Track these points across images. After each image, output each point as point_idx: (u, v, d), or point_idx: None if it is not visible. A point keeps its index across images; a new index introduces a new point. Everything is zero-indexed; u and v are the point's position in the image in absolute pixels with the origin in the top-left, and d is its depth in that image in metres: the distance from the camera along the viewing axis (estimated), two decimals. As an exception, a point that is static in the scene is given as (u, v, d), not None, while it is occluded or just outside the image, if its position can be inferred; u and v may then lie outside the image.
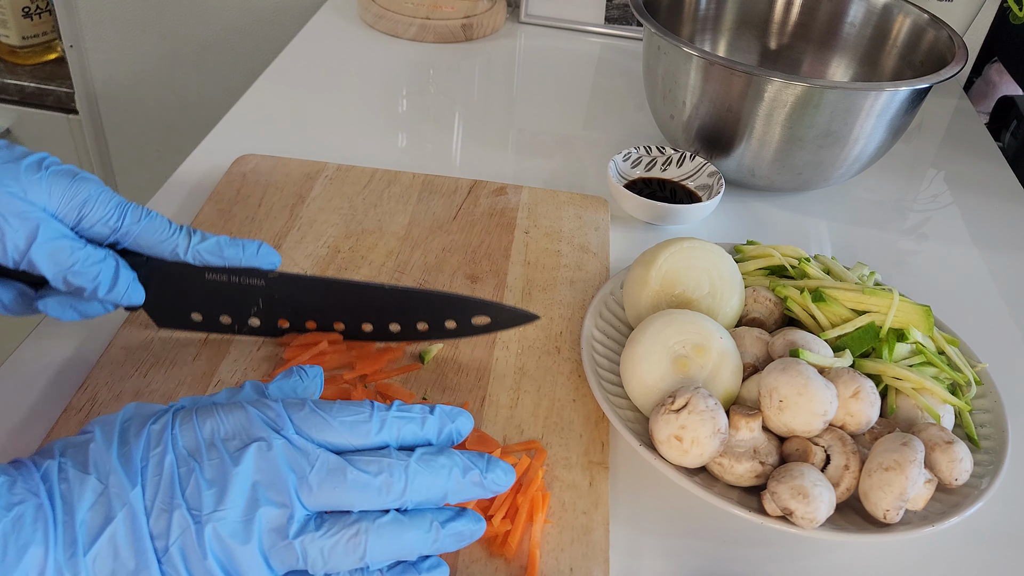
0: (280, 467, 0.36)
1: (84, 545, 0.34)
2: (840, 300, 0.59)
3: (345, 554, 0.36)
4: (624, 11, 1.16)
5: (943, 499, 0.51)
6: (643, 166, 0.80)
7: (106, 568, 0.34)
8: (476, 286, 0.66)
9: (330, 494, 0.37)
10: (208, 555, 0.34)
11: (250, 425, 0.37)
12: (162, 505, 0.35)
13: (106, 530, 0.34)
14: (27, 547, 0.33)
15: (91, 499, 0.35)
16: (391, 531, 0.37)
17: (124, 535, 0.34)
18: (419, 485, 0.38)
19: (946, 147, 0.99)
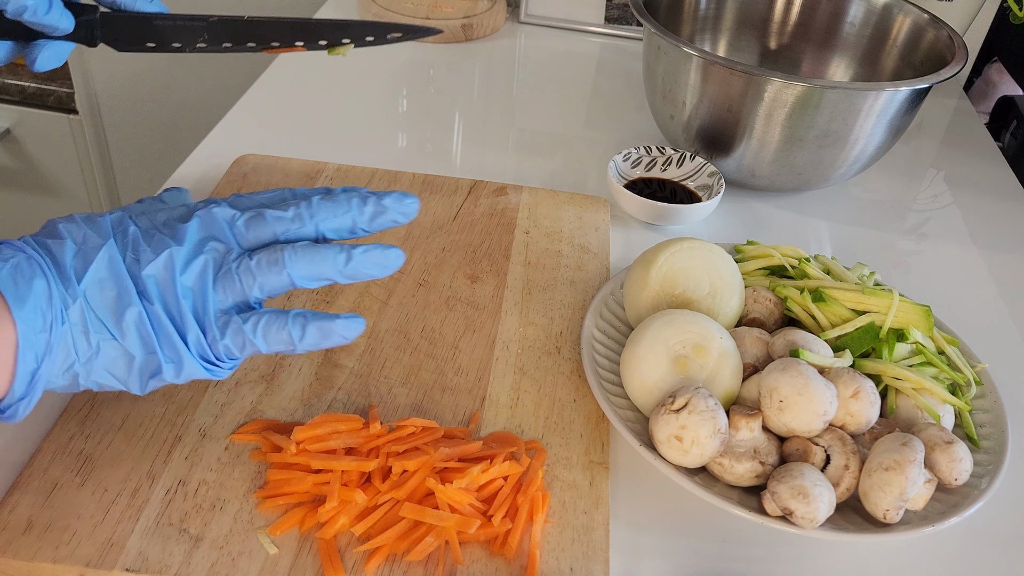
0: (218, 222, 0.45)
1: (76, 278, 0.41)
2: (840, 300, 0.59)
3: (270, 272, 0.44)
4: (624, 11, 1.16)
5: (943, 499, 0.51)
6: (643, 166, 0.80)
7: (95, 296, 0.42)
8: (476, 286, 0.66)
9: (256, 232, 0.45)
10: (176, 278, 0.42)
11: (193, 209, 0.46)
12: (132, 253, 0.43)
13: (90, 267, 0.42)
14: (32, 279, 0.40)
15: (72, 251, 0.42)
16: (305, 251, 0.45)
17: (106, 269, 0.42)
18: (324, 215, 0.46)
19: (946, 147, 0.99)
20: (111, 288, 0.42)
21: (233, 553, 0.45)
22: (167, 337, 0.43)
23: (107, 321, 0.42)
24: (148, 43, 0.57)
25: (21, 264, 0.40)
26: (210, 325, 0.44)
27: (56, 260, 0.42)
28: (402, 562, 0.46)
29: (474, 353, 0.60)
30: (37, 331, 0.40)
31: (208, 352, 0.44)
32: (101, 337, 0.42)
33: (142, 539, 0.45)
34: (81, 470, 0.49)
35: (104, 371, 0.43)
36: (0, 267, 0.40)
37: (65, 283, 0.41)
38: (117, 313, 0.42)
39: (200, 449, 0.51)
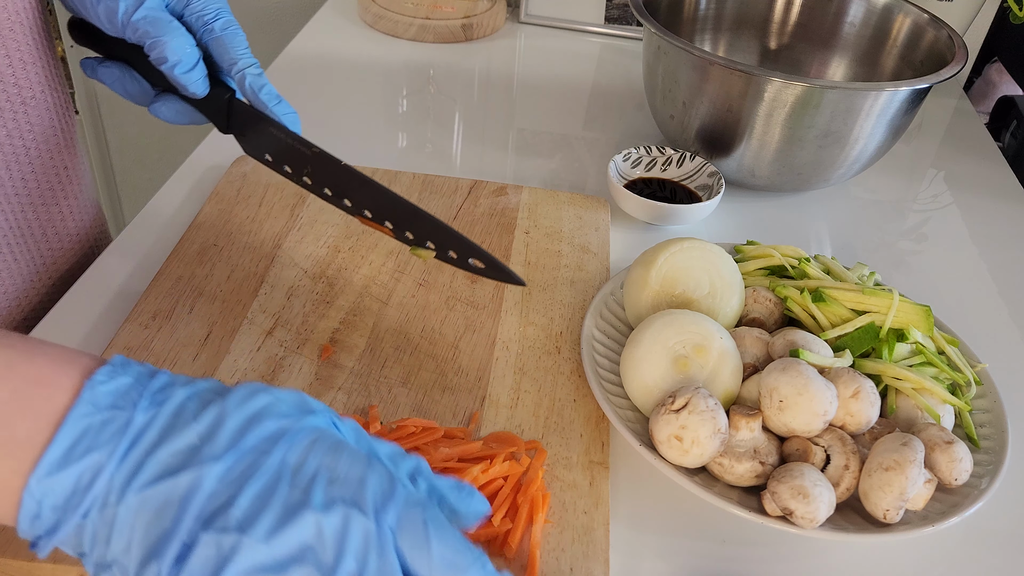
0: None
1: (141, 483, 0.32)
2: (840, 300, 0.59)
3: None
4: (624, 11, 1.16)
5: (943, 499, 0.51)
6: (643, 166, 0.80)
7: (145, 516, 0.32)
8: (476, 286, 0.66)
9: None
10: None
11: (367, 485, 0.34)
12: (231, 486, 0.32)
13: (171, 480, 0.32)
14: (92, 450, 0.32)
15: (176, 447, 0.33)
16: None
17: (183, 496, 0.32)
18: None
19: (946, 147, 0.99)
20: (157, 524, 0.32)
21: (233, 553, 0.45)
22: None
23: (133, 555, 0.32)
24: (266, 155, 0.56)
25: (107, 426, 0.32)
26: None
27: (153, 445, 0.33)
28: (402, 562, 0.46)
29: (474, 353, 0.60)
30: (49, 507, 0.32)
31: None
32: (116, 562, 0.32)
33: (142, 539, 0.45)
34: (81, 470, 0.49)
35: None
36: (86, 417, 0.32)
37: (126, 475, 0.32)
38: (147, 552, 0.32)
39: (200, 449, 0.51)
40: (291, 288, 0.63)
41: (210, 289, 0.62)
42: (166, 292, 0.62)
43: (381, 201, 0.54)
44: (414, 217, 0.53)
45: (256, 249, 0.67)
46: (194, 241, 0.67)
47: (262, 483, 0.33)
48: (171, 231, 0.70)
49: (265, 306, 0.61)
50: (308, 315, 0.61)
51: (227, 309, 0.61)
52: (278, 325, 0.60)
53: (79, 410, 0.32)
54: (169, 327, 0.59)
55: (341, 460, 0.34)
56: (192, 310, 0.60)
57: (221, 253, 0.66)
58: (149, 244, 0.68)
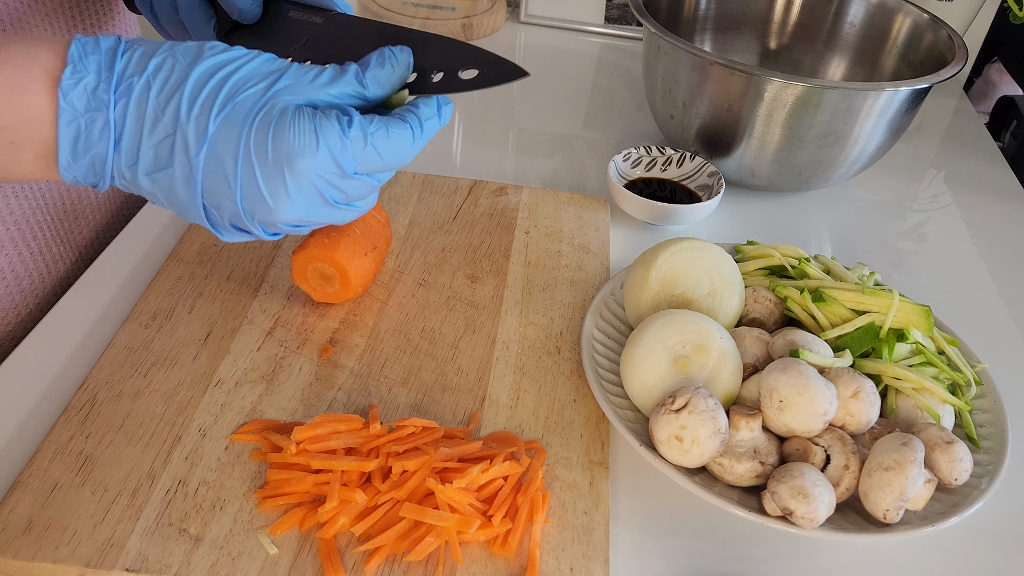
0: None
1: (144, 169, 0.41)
2: (840, 300, 0.59)
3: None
4: (624, 11, 1.16)
5: (943, 499, 0.51)
6: (643, 166, 0.80)
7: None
8: (476, 286, 0.66)
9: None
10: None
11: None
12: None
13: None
14: (90, 149, 0.40)
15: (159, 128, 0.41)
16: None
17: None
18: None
19: (946, 147, 0.99)
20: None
21: (233, 553, 0.45)
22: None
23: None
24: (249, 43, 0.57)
25: (89, 121, 0.40)
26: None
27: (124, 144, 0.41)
28: (402, 562, 0.46)
29: (474, 353, 0.60)
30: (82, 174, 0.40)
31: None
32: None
33: (142, 539, 0.45)
34: (81, 470, 0.49)
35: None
36: (72, 121, 0.39)
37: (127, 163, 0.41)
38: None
39: (200, 449, 0.51)
40: (291, 288, 0.63)
41: (210, 289, 0.62)
42: (166, 292, 0.62)
43: (369, 41, 0.54)
44: (397, 39, 0.53)
45: (256, 249, 0.67)
46: (194, 241, 0.67)
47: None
48: (171, 231, 0.70)
49: (265, 306, 0.61)
50: (308, 315, 0.61)
51: (227, 309, 0.61)
52: (278, 325, 0.60)
53: (63, 118, 0.39)
54: (169, 327, 0.59)
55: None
56: (192, 310, 0.60)
57: (221, 253, 0.66)
58: (149, 244, 0.68)
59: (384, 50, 0.46)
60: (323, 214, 0.44)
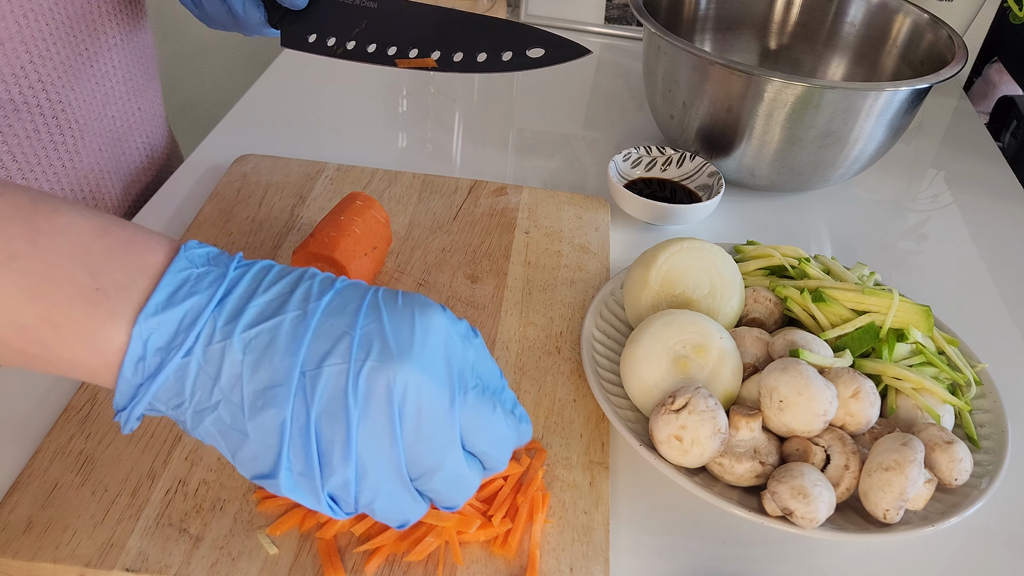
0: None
1: (246, 323, 0.35)
2: (840, 300, 0.59)
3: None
4: (624, 11, 1.16)
5: (943, 499, 0.51)
6: (643, 166, 0.80)
7: (254, 354, 0.34)
8: (476, 286, 0.66)
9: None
10: (354, 391, 0.34)
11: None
12: (335, 328, 0.35)
13: (271, 320, 0.35)
14: (193, 295, 0.34)
15: (272, 295, 0.36)
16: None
17: (287, 335, 0.34)
18: None
19: (946, 147, 0.99)
20: (280, 360, 0.34)
21: (233, 553, 0.45)
22: (303, 455, 0.34)
23: (246, 389, 0.34)
24: (310, 35, 0.58)
25: (204, 277, 0.35)
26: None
27: (250, 292, 0.36)
28: (402, 562, 0.46)
29: (474, 353, 0.60)
30: (154, 348, 0.34)
31: (351, 501, 0.36)
32: (227, 398, 0.34)
33: (142, 539, 0.45)
34: (81, 470, 0.49)
35: (214, 433, 0.35)
36: (184, 271, 0.35)
37: (231, 318, 0.35)
38: (260, 398, 0.34)
39: (200, 449, 0.51)
40: (291, 288, 0.63)
41: (210, 289, 0.62)
42: (166, 292, 0.62)
43: (430, 25, 0.55)
44: (464, 24, 0.54)
45: (256, 249, 0.67)
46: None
47: (368, 305, 0.36)
48: (171, 231, 0.70)
49: (265, 306, 0.61)
50: (308, 315, 0.61)
51: (227, 309, 0.61)
52: (278, 325, 0.60)
53: (178, 264, 0.35)
54: (169, 327, 0.59)
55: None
56: (192, 310, 0.60)
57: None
58: (149, 244, 0.68)
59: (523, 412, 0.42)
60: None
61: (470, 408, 0.36)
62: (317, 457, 0.34)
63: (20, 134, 0.60)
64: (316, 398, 0.34)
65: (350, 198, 0.63)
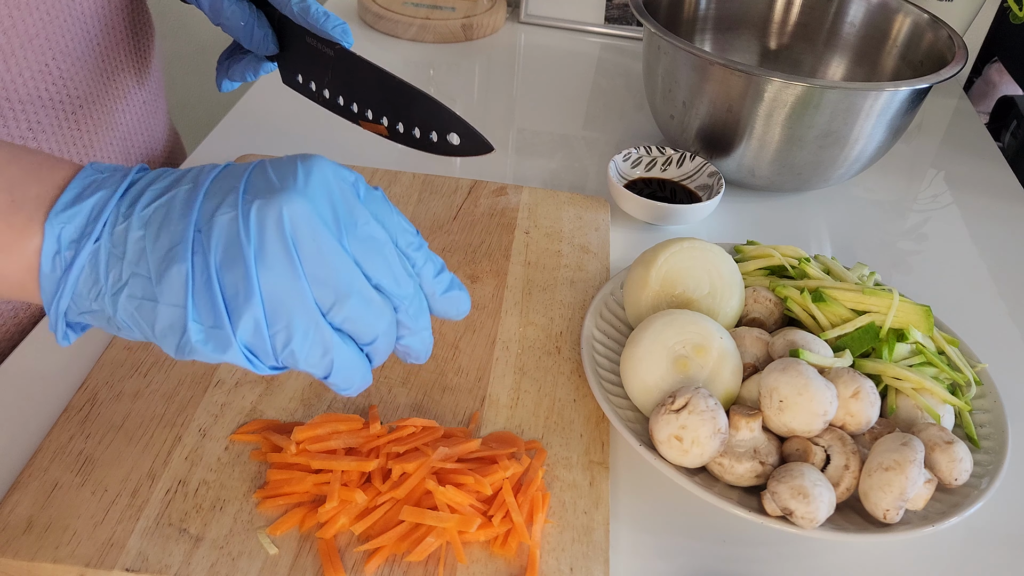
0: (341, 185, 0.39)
1: (144, 203, 0.37)
2: (840, 300, 0.59)
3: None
4: (624, 11, 1.16)
5: (943, 499, 0.51)
6: (643, 166, 0.80)
7: (154, 226, 0.36)
8: (476, 286, 0.66)
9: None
10: (245, 231, 0.35)
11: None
12: (223, 187, 0.37)
13: (165, 196, 0.37)
14: (97, 191, 0.37)
15: (167, 181, 0.38)
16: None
17: (181, 203, 0.37)
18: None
19: (946, 147, 0.99)
20: (168, 229, 0.36)
21: (233, 553, 0.45)
22: (210, 307, 0.35)
23: (151, 258, 0.36)
24: (299, 76, 0.62)
25: (108, 179, 0.38)
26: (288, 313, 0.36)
27: (144, 182, 0.38)
28: (402, 562, 0.46)
29: (474, 353, 0.60)
30: (68, 240, 0.36)
31: (268, 347, 0.36)
32: (136, 272, 0.36)
33: (142, 539, 0.45)
34: (81, 470, 0.49)
35: (131, 311, 0.36)
36: (89, 176, 0.38)
37: (129, 203, 0.37)
38: (163, 261, 0.36)
39: (200, 449, 0.51)
40: (291, 288, 0.63)
41: (210, 289, 0.62)
42: (166, 292, 0.62)
43: (381, 88, 0.57)
44: (408, 100, 0.56)
45: (256, 249, 0.67)
46: (194, 241, 0.67)
47: (255, 167, 0.38)
48: (171, 231, 0.70)
49: (265, 306, 0.61)
50: (308, 315, 0.61)
51: (227, 309, 0.61)
52: (278, 325, 0.60)
53: (84, 173, 0.38)
54: (169, 327, 0.59)
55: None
56: (192, 310, 0.60)
57: (221, 253, 0.66)
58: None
59: (456, 281, 0.43)
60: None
61: (362, 240, 0.37)
62: (224, 305, 0.35)
63: (48, 130, 0.60)
64: (212, 248, 0.35)
65: None
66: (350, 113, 0.60)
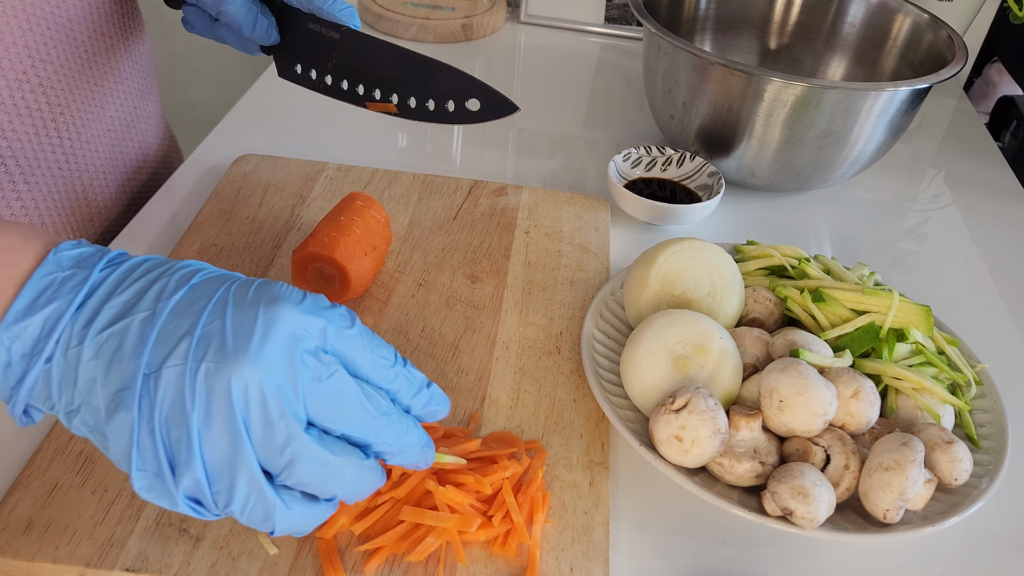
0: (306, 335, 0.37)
1: (99, 326, 0.35)
2: (840, 300, 0.59)
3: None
4: (624, 11, 1.16)
5: (943, 499, 0.51)
6: (643, 166, 0.80)
7: (105, 357, 0.35)
8: (476, 286, 0.66)
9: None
10: (191, 394, 0.34)
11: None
12: (178, 327, 0.35)
13: (121, 322, 0.35)
14: (53, 301, 0.35)
15: (129, 295, 0.36)
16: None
17: (134, 337, 0.35)
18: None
19: (946, 147, 0.99)
20: (128, 359, 0.35)
21: (233, 553, 0.45)
22: (153, 457, 0.35)
23: (101, 393, 0.35)
24: (297, 65, 0.61)
25: (67, 282, 0.36)
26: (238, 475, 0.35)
27: (106, 296, 0.36)
28: (402, 562, 0.46)
29: (474, 353, 0.60)
30: (18, 354, 0.35)
31: (208, 500, 0.35)
32: (86, 402, 0.35)
33: (142, 539, 0.45)
34: (81, 470, 0.49)
35: (85, 432, 0.36)
36: (49, 275, 0.36)
37: (86, 322, 0.35)
38: (113, 401, 0.35)
39: (200, 449, 0.51)
40: (291, 288, 0.63)
41: (210, 289, 0.62)
42: (166, 292, 0.62)
43: (391, 64, 0.57)
44: (422, 72, 0.56)
45: (256, 249, 0.67)
46: (194, 241, 0.67)
47: (215, 302, 0.36)
48: (171, 231, 0.70)
49: (265, 306, 0.61)
50: (308, 315, 0.61)
51: (227, 309, 0.61)
52: (278, 325, 0.60)
53: (43, 269, 0.36)
54: (169, 327, 0.59)
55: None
56: (192, 310, 0.60)
57: (221, 253, 0.66)
58: (149, 244, 0.68)
59: (435, 394, 0.42)
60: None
61: (326, 396, 0.36)
62: (167, 459, 0.34)
63: (23, 137, 0.60)
64: (158, 400, 0.34)
65: (350, 198, 0.63)
66: (355, 96, 0.60)
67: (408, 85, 0.58)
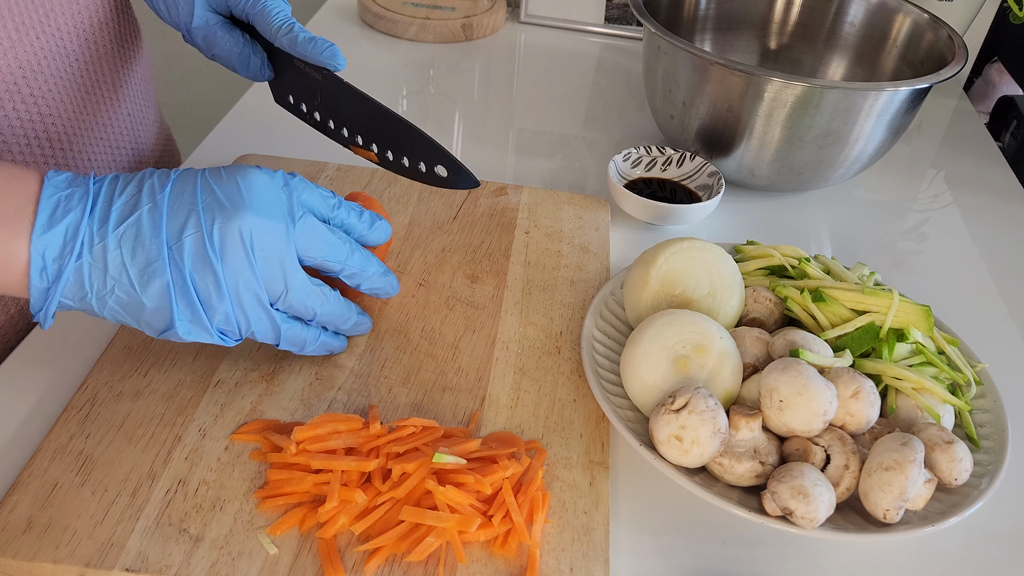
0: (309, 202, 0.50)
1: (114, 223, 0.45)
2: (840, 300, 0.59)
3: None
4: (624, 11, 1.16)
5: (943, 499, 0.51)
6: (643, 166, 0.80)
7: (128, 244, 0.44)
8: (476, 286, 0.66)
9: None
10: (211, 247, 0.45)
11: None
12: (182, 208, 0.45)
13: (132, 216, 0.45)
14: (68, 212, 0.44)
15: (126, 197, 0.46)
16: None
17: (148, 224, 0.45)
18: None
19: (946, 147, 0.99)
20: (148, 242, 0.44)
21: (233, 553, 0.45)
22: (189, 306, 0.46)
23: (131, 271, 0.45)
24: (290, 96, 0.63)
25: (73, 196, 0.44)
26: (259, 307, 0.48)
27: (108, 199, 0.45)
28: (402, 562, 0.46)
29: (474, 353, 0.60)
30: (51, 259, 0.43)
31: (234, 328, 0.47)
32: (118, 282, 0.44)
33: (142, 539, 0.45)
34: (81, 470, 0.49)
35: (118, 309, 0.45)
36: (54, 195, 0.44)
37: (101, 223, 0.44)
38: (144, 274, 0.45)
39: (200, 449, 0.51)
40: (291, 288, 0.63)
41: (210, 289, 0.62)
42: (166, 292, 0.62)
43: (370, 116, 0.59)
44: (397, 129, 0.58)
45: (256, 249, 0.67)
46: (194, 241, 0.67)
47: (200, 185, 0.47)
48: (171, 231, 0.70)
49: (265, 306, 0.61)
50: (308, 315, 0.61)
51: (227, 309, 0.61)
52: (278, 325, 0.60)
53: (47, 191, 0.44)
54: (169, 327, 0.59)
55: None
56: (192, 310, 0.60)
57: (221, 253, 0.66)
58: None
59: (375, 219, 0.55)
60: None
61: (301, 231, 0.48)
62: (200, 304, 0.46)
63: (14, 149, 0.59)
64: (185, 262, 0.45)
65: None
66: (341, 137, 0.62)
67: (383, 138, 0.59)
